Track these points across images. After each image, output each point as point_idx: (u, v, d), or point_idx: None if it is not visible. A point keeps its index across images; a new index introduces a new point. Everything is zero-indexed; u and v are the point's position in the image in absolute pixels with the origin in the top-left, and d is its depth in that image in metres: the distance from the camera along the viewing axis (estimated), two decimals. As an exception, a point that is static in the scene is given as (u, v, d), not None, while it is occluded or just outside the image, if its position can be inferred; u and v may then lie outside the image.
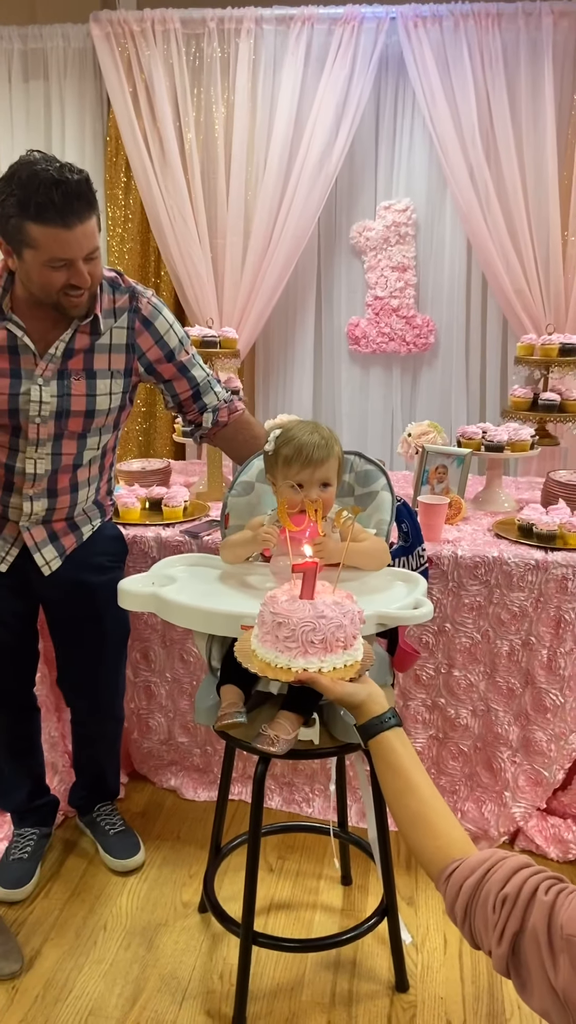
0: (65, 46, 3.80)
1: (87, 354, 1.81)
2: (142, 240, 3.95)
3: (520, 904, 0.97)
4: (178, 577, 1.75)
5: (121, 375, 1.88)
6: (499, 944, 0.98)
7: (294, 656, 1.29)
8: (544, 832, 2.32)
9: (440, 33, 3.45)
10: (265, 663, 1.33)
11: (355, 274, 3.98)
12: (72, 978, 1.91)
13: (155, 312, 1.90)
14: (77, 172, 1.60)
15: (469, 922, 1.03)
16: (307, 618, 1.28)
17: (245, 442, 2.07)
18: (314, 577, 1.33)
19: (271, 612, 1.32)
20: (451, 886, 1.06)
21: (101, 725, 2.21)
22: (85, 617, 2.00)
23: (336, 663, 1.31)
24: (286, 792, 2.50)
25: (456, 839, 1.12)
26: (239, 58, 3.60)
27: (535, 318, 3.63)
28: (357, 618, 1.34)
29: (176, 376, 1.98)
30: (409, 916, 2.09)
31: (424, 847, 1.13)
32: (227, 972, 1.92)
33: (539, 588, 2.20)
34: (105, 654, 2.06)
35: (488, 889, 1.01)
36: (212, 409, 2.04)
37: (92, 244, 1.66)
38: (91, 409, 1.84)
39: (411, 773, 1.20)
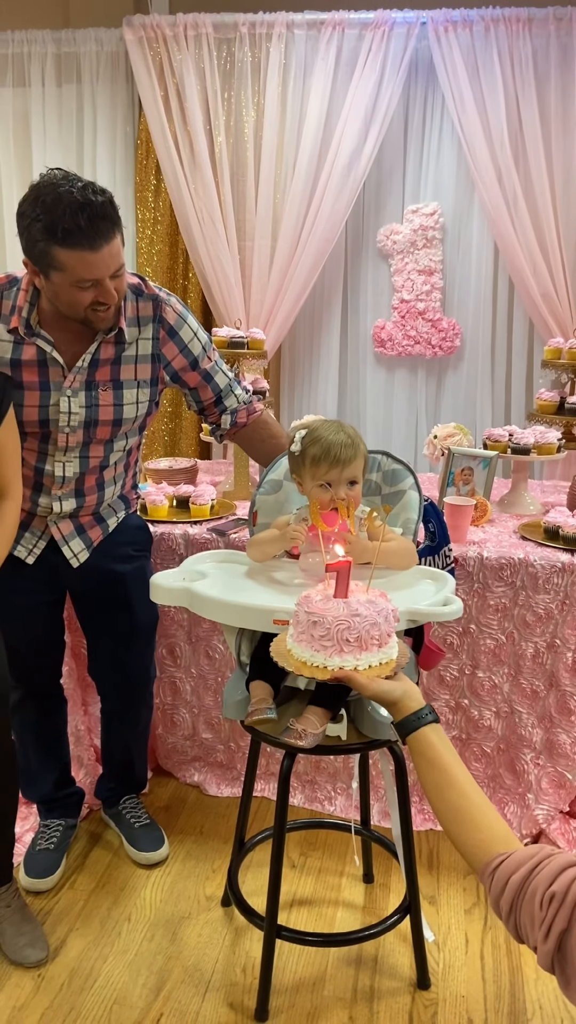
0: (98, 50, 3.84)
1: (113, 365, 1.84)
2: (171, 242, 3.98)
3: (568, 903, 0.98)
4: (208, 573, 1.77)
5: (147, 384, 1.91)
6: (545, 941, 0.99)
7: (330, 655, 1.31)
8: (567, 835, 2.32)
9: (470, 38, 3.46)
10: (301, 662, 1.35)
11: (382, 277, 4.00)
12: (97, 968, 1.93)
13: (180, 321, 1.92)
14: (100, 193, 1.62)
15: (515, 917, 1.04)
16: (342, 617, 1.30)
17: (263, 441, 2.11)
18: (348, 576, 1.35)
19: (306, 611, 1.33)
20: (497, 880, 1.07)
21: (133, 711, 2.23)
22: (114, 604, 2.03)
23: (371, 661, 1.32)
24: (308, 790, 2.52)
25: (499, 833, 1.13)
26: (270, 62, 3.63)
27: (562, 322, 3.63)
28: (391, 616, 1.35)
29: (200, 384, 2.01)
30: (431, 915, 2.10)
31: (467, 840, 1.14)
32: (250, 965, 1.93)
33: (565, 591, 2.20)
34: (135, 640, 2.09)
35: (535, 885, 1.02)
36: (232, 411, 2.08)
37: (118, 262, 1.70)
38: (119, 418, 1.88)
39: (451, 767, 1.21)
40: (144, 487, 2.65)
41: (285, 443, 2.07)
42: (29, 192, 1.64)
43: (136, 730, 2.30)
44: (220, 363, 2.05)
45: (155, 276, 3.97)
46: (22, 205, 1.64)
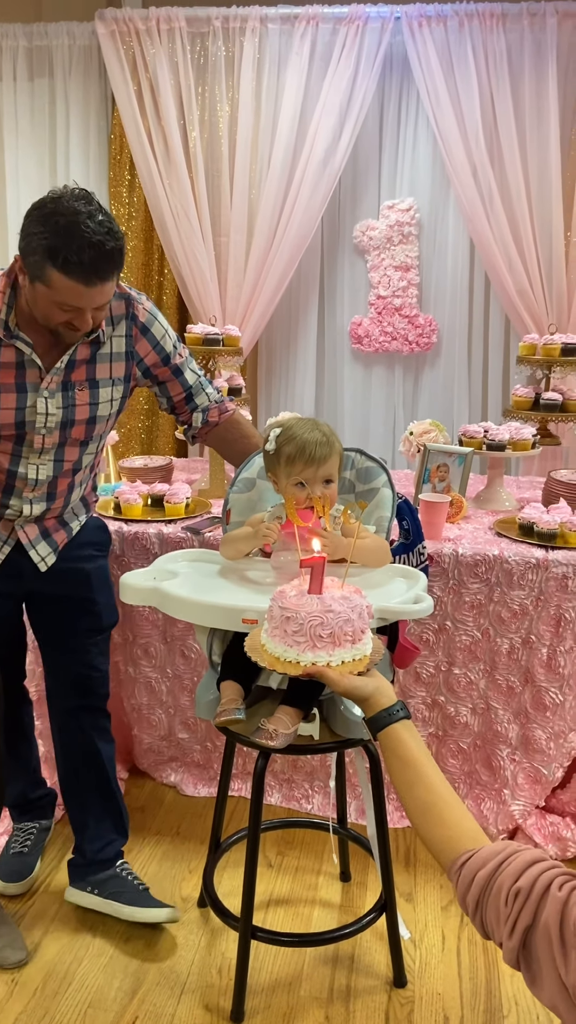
0: (70, 44, 3.80)
1: (89, 364, 1.83)
2: (146, 238, 3.95)
3: (533, 898, 0.98)
4: (180, 572, 1.76)
5: (121, 381, 1.91)
6: (510, 937, 0.98)
7: (303, 650, 1.30)
8: (543, 830, 2.32)
9: (444, 33, 3.46)
10: (274, 657, 1.34)
11: (358, 273, 3.99)
12: (72, 971, 1.92)
13: (151, 318, 1.92)
14: (114, 238, 1.60)
15: (481, 913, 1.04)
16: (315, 612, 1.29)
17: (235, 441, 2.10)
18: (322, 572, 1.34)
19: (280, 607, 1.33)
20: (463, 876, 1.06)
21: (93, 719, 2.09)
22: (80, 600, 2.00)
23: (345, 657, 1.32)
24: (285, 788, 2.51)
25: (468, 829, 1.13)
26: (244, 57, 3.61)
27: (537, 318, 3.64)
28: (366, 612, 1.35)
29: (170, 379, 2.01)
30: (407, 912, 2.10)
31: (435, 837, 1.14)
32: (226, 966, 1.92)
33: (539, 587, 2.21)
34: (96, 639, 2.05)
35: (501, 881, 1.01)
36: (203, 410, 2.07)
37: (105, 299, 1.68)
38: (93, 416, 1.87)
39: (421, 764, 1.21)
40: (118, 485, 2.63)
41: (258, 443, 2.06)
42: (47, 202, 1.61)
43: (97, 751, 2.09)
44: (190, 361, 2.04)
45: (130, 272, 3.94)
46: (34, 212, 1.62)
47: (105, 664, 2.08)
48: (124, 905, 2.04)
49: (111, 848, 2.11)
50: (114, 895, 2.06)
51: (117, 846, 2.13)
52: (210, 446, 2.18)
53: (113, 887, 2.07)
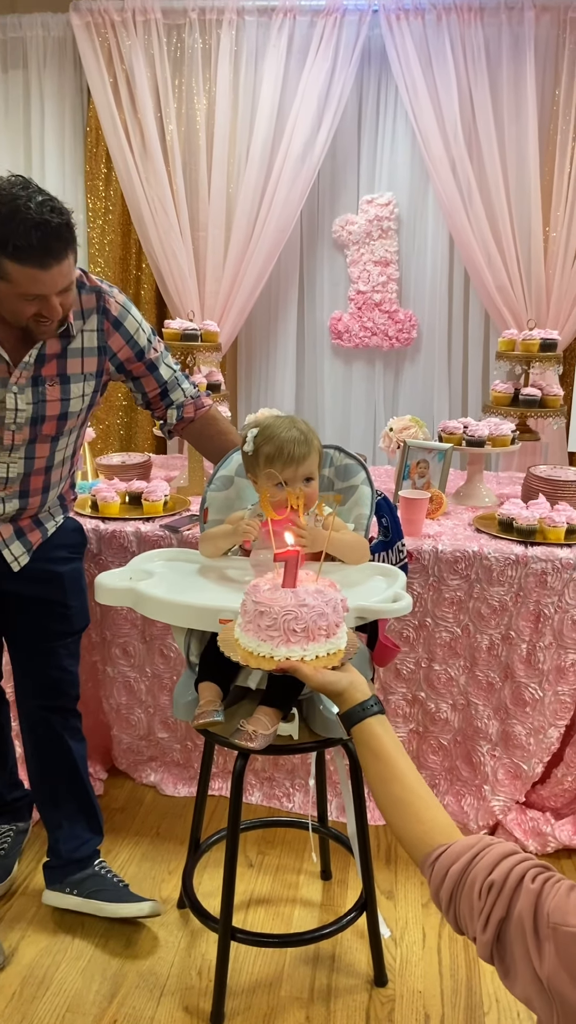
0: (45, 35, 3.75)
1: (60, 359, 1.80)
2: (123, 232, 3.91)
3: (506, 891, 0.97)
4: (156, 571, 1.74)
5: (93, 376, 1.88)
6: (484, 931, 0.98)
7: (276, 645, 1.29)
8: (523, 825, 2.33)
9: (422, 27, 3.44)
10: (248, 652, 1.32)
11: (338, 268, 3.97)
12: (50, 975, 1.90)
13: (124, 312, 1.89)
14: (59, 213, 1.58)
15: (454, 908, 1.03)
16: (289, 607, 1.28)
17: (211, 438, 2.08)
18: (296, 566, 1.32)
19: (253, 601, 1.31)
20: (436, 871, 1.06)
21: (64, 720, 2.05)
22: (52, 603, 1.97)
23: (319, 651, 1.30)
24: (266, 787, 2.50)
25: (441, 824, 1.12)
26: (220, 49, 3.58)
27: (516, 314, 3.64)
28: (340, 606, 1.33)
29: (145, 374, 1.99)
30: (388, 910, 2.09)
31: (409, 833, 1.13)
32: (206, 968, 1.91)
33: (519, 583, 2.21)
34: (66, 642, 2.03)
35: (474, 875, 1.01)
36: (178, 405, 2.05)
37: (67, 280, 1.66)
38: (65, 412, 1.84)
39: (395, 759, 1.20)
40: (95, 483, 2.60)
41: (235, 439, 2.04)
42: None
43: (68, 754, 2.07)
44: (165, 355, 2.02)
45: (107, 267, 3.90)
46: None
47: (75, 666, 2.05)
48: (106, 903, 2.02)
49: (87, 847, 2.09)
50: (94, 893, 2.04)
51: (93, 845, 2.11)
52: (187, 440, 2.16)
53: (93, 885, 2.05)
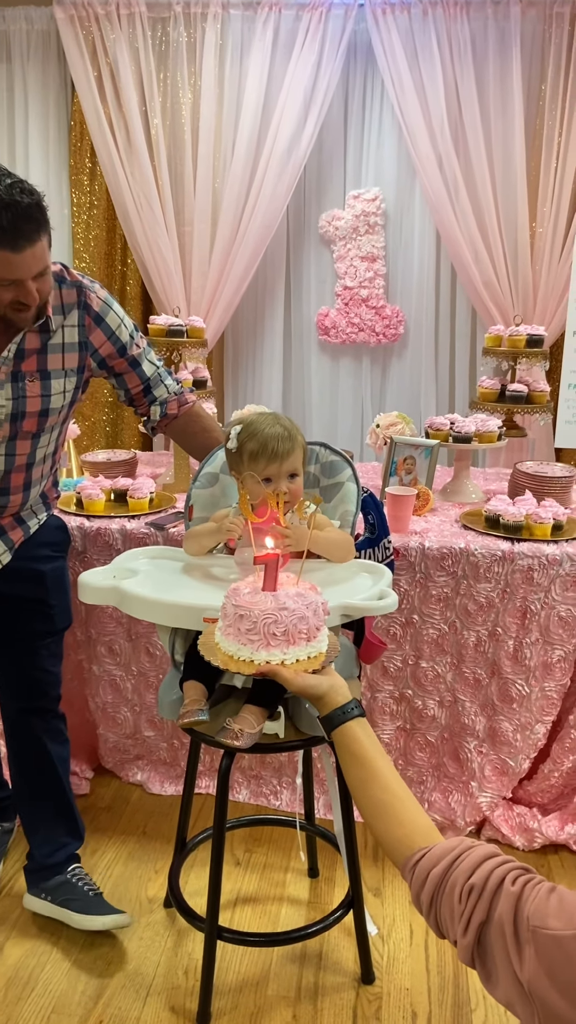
0: (28, 29, 3.73)
1: (40, 355, 1.78)
2: (108, 227, 3.89)
3: (487, 894, 0.97)
4: (140, 570, 1.72)
5: (74, 372, 1.86)
6: (465, 934, 0.97)
7: (256, 649, 1.28)
8: (510, 821, 2.33)
9: (408, 21, 3.43)
10: (228, 656, 1.31)
11: (324, 264, 3.96)
12: (35, 976, 1.88)
13: (105, 307, 1.87)
14: (29, 194, 1.55)
15: (435, 911, 1.03)
16: (269, 610, 1.27)
17: (195, 435, 2.07)
18: (276, 569, 1.31)
19: (233, 604, 1.30)
20: (417, 875, 1.05)
21: (44, 722, 2.04)
22: (33, 602, 1.95)
23: (299, 655, 1.29)
24: (254, 785, 2.49)
25: (421, 827, 1.11)
26: (206, 43, 3.56)
27: (503, 309, 3.64)
28: (321, 609, 1.32)
29: (127, 371, 1.96)
30: (375, 907, 2.09)
31: (389, 836, 1.12)
32: (192, 967, 1.90)
33: (505, 579, 2.20)
34: (48, 641, 2.01)
35: (455, 878, 1.00)
36: (161, 402, 2.03)
37: (41, 264, 1.63)
38: (46, 408, 1.81)
39: (375, 762, 1.19)
40: (80, 480, 2.58)
41: (219, 436, 2.03)
42: None
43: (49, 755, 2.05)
44: (148, 351, 2.00)
45: (92, 262, 3.88)
46: None
47: (56, 666, 2.03)
48: (74, 913, 1.99)
49: (62, 852, 2.07)
50: (65, 902, 2.01)
51: (70, 850, 2.08)
52: (171, 437, 2.14)
53: (64, 894, 2.02)
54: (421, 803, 2.37)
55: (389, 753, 2.39)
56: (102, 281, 3.90)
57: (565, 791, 2.36)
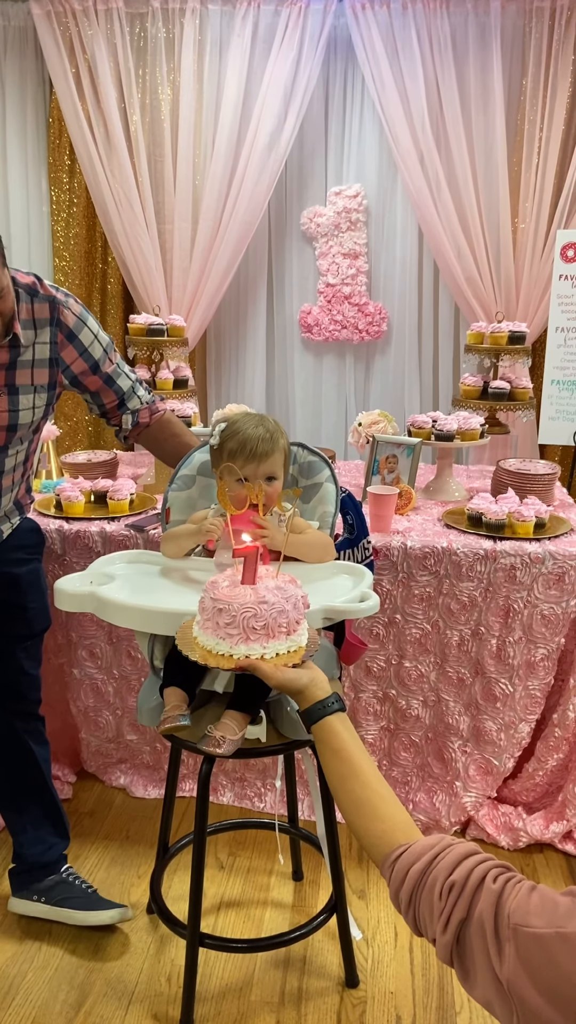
0: (5, 24, 3.69)
1: (8, 370, 1.73)
2: (88, 225, 3.86)
3: (467, 892, 0.95)
4: (117, 575, 1.70)
5: (44, 389, 1.81)
6: (444, 932, 0.96)
7: (235, 643, 1.26)
8: (495, 821, 2.32)
9: (388, 16, 3.41)
10: (207, 651, 1.29)
11: (306, 260, 3.94)
12: (16, 984, 1.86)
13: (79, 323, 1.82)
14: None
15: (414, 909, 1.01)
16: (248, 604, 1.25)
17: (166, 440, 2.04)
18: (255, 562, 1.30)
19: (212, 598, 1.28)
20: (396, 872, 1.04)
21: (26, 724, 2.02)
22: (8, 606, 1.92)
23: (279, 649, 1.28)
24: (238, 787, 2.47)
25: (401, 823, 1.10)
26: (184, 39, 3.53)
27: (486, 306, 3.63)
28: (301, 603, 1.31)
29: (102, 388, 1.93)
30: (360, 909, 2.08)
31: (368, 832, 1.11)
32: (175, 974, 1.88)
33: (488, 578, 2.19)
34: (26, 644, 1.99)
35: (435, 876, 0.99)
36: (133, 412, 2.00)
37: None
38: (13, 423, 1.77)
39: (355, 757, 1.18)
40: (59, 482, 2.55)
41: (190, 440, 2.01)
42: None
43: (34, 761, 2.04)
44: (122, 365, 1.95)
45: (72, 260, 3.84)
46: None
47: (35, 668, 2.01)
48: (74, 911, 2.00)
49: (53, 852, 2.06)
50: (62, 901, 2.01)
51: (59, 849, 2.07)
52: (142, 444, 2.11)
53: (60, 893, 2.02)
54: (406, 803, 2.36)
55: (373, 753, 2.38)
56: (82, 279, 3.87)
57: (550, 790, 2.35)
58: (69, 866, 2.09)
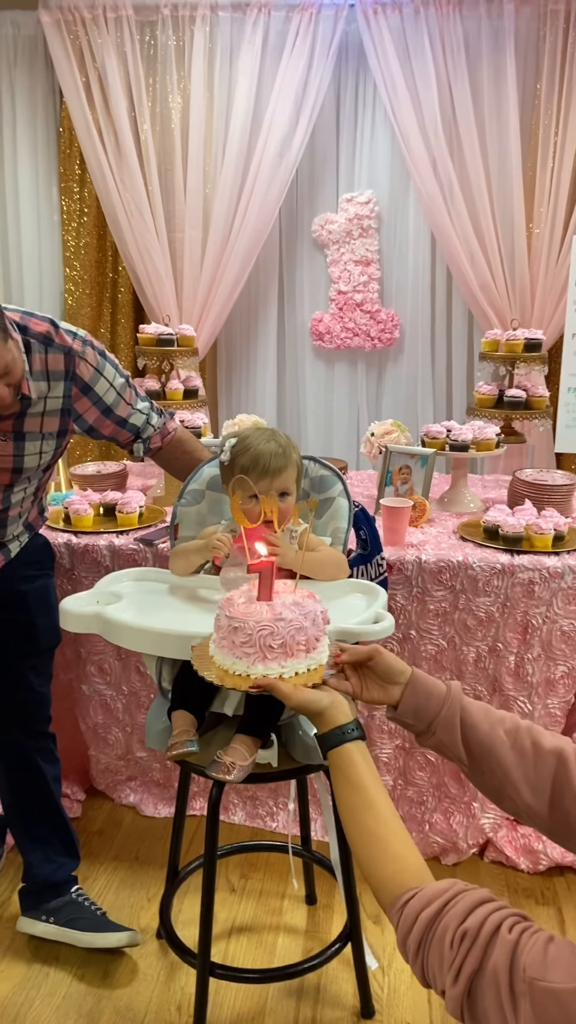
0: (15, 34, 3.67)
1: (17, 419, 1.68)
2: (98, 235, 3.83)
3: (480, 941, 0.90)
4: (124, 593, 1.65)
5: (53, 436, 1.76)
6: (455, 984, 0.90)
7: (252, 662, 1.19)
8: (514, 843, 2.26)
9: (400, 21, 3.37)
10: (223, 671, 1.24)
11: (318, 268, 3.90)
12: (23, 1013, 1.82)
13: (96, 375, 1.75)
14: None
15: (422, 958, 0.96)
16: (264, 621, 1.18)
17: (177, 458, 2.01)
18: (271, 577, 1.24)
19: (227, 616, 1.22)
20: (405, 916, 0.98)
21: (35, 742, 1.98)
22: (17, 623, 1.89)
23: (298, 668, 1.21)
24: (249, 806, 2.42)
25: (413, 866, 1.04)
26: (194, 46, 3.50)
27: (500, 312, 3.57)
28: (320, 619, 1.25)
29: (116, 431, 1.88)
30: (375, 936, 2.02)
31: (377, 869, 1.05)
32: (185, 1002, 1.83)
33: (505, 593, 2.14)
34: (35, 662, 1.95)
35: (446, 923, 0.93)
36: (145, 439, 1.94)
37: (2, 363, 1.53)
38: (19, 467, 1.72)
39: (370, 789, 1.12)
40: (69, 494, 2.52)
41: (201, 455, 1.97)
42: None
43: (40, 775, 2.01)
44: (136, 402, 1.89)
45: (83, 270, 3.81)
46: None
47: (45, 686, 1.97)
48: (82, 932, 1.95)
49: (62, 872, 2.02)
50: (71, 922, 1.97)
51: (68, 869, 2.03)
52: (154, 461, 2.06)
53: (69, 914, 1.98)
54: (421, 824, 2.30)
55: (388, 772, 2.32)
56: (93, 289, 3.84)
57: (570, 810, 2.29)
58: (79, 887, 2.05)
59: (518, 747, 1.19)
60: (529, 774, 1.18)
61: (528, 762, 1.18)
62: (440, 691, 1.25)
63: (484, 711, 1.23)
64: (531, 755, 1.18)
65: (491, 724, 1.21)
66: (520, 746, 1.19)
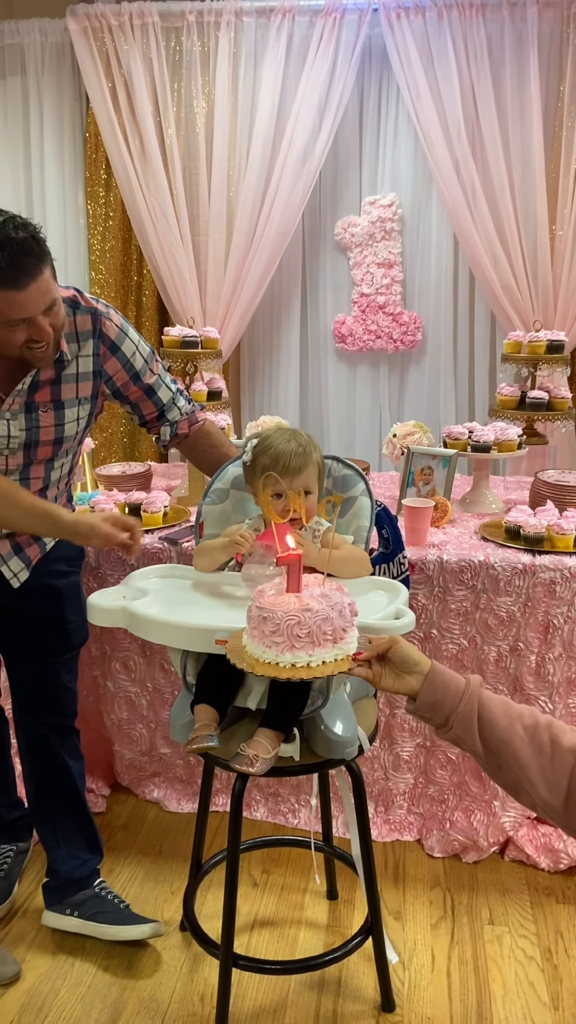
0: (42, 41, 3.73)
1: (54, 386, 1.75)
2: (123, 238, 3.88)
3: None
4: (150, 589, 1.69)
5: (88, 400, 1.83)
6: None
7: (281, 651, 1.25)
8: (535, 842, 2.27)
9: (423, 24, 3.39)
10: (254, 659, 1.29)
11: (340, 271, 3.92)
12: (49, 1001, 1.85)
13: (121, 335, 1.84)
14: (22, 228, 1.53)
15: None
16: (292, 611, 1.24)
17: (204, 451, 2.05)
18: (299, 569, 1.29)
19: (257, 607, 1.28)
20: None
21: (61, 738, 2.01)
22: (50, 618, 1.92)
23: (326, 657, 1.27)
24: (271, 803, 2.45)
25: None
26: (219, 52, 3.54)
27: (523, 314, 3.57)
28: (348, 610, 1.29)
29: (142, 398, 1.94)
30: (396, 931, 2.04)
31: None
32: (208, 993, 1.86)
33: (526, 593, 2.15)
34: (65, 656, 1.98)
35: None
36: (172, 423, 2.01)
37: (49, 298, 1.60)
38: (59, 437, 1.80)
39: None
40: (94, 494, 2.56)
41: (229, 451, 2.00)
42: None
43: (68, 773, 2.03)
44: (164, 376, 1.96)
45: (108, 273, 3.86)
46: None
47: (73, 682, 2.01)
48: (106, 925, 1.99)
49: (86, 867, 2.05)
50: (95, 915, 2.01)
51: (92, 864, 2.07)
52: (181, 452, 2.12)
53: (93, 907, 2.02)
54: (443, 822, 2.32)
55: (409, 771, 2.34)
56: (118, 292, 3.89)
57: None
58: (102, 880, 2.08)
59: (536, 744, 1.22)
60: (546, 771, 1.20)
61: (546, 759, 1.20)
62: (459, 685, 1.27)
63: (503, 706, 1.25)
64: (549, 752, 1.21)
65: (509, 720, 1.24)
66: (538, 743, 1.22)
